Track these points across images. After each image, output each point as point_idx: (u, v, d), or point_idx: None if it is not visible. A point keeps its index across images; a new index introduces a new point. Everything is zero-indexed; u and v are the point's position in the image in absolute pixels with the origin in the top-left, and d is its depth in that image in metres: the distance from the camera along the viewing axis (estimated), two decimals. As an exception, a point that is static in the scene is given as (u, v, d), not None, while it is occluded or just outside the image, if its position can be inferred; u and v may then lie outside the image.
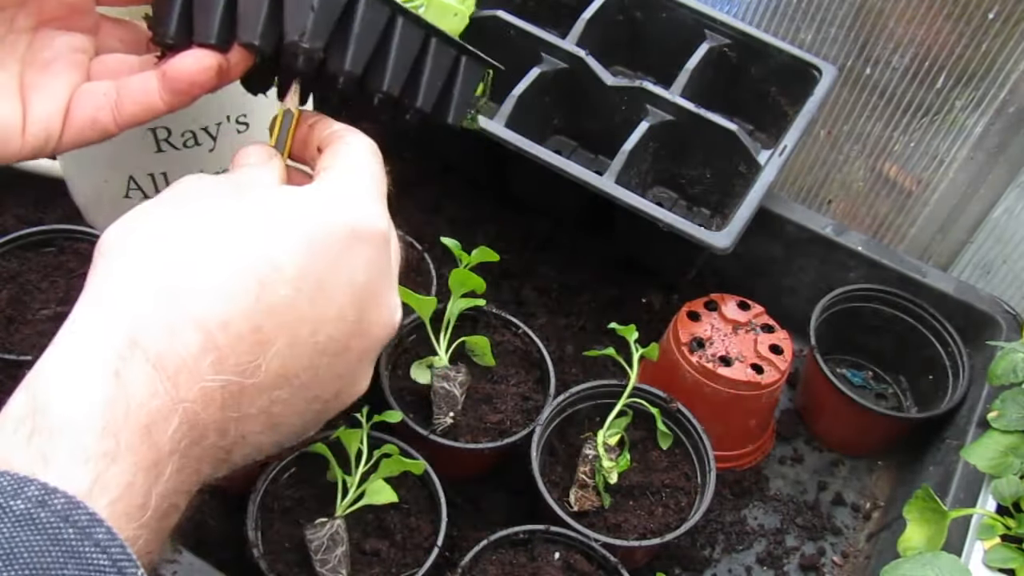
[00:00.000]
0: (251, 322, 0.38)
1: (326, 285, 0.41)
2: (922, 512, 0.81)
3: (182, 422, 0.37)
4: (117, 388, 0.35)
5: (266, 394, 0.40)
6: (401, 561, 0.76)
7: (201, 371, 0.37)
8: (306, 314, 0.40)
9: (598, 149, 1.06)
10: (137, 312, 0.38)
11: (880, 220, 1.26)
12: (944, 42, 1.07)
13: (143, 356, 0.36)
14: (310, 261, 0.40)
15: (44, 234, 0.89)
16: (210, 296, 0.38)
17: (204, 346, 0.37)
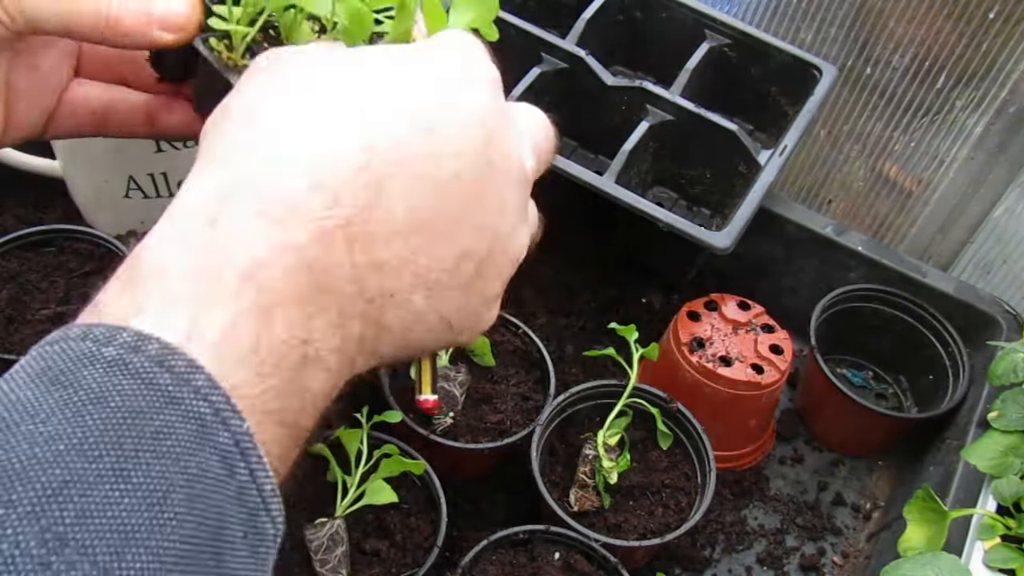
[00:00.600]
0: (363, 158, 0.36)
1: (443, 118, 0.38)
2: (922, 512, 0.81)
3: (297, 266, 0.34)
4: (213, 233, 0.34)
5: (399, 239, 0.37)
6: (401, 561, 0.76)
7: (312, 211, 0.35)
8: (425, 149, 0.37)
9: (598, 149, 1.06)
10: (235, 160, 0.36)
11: (880, 220, 1.26)
12: (944, 42, 1.07)
13: (242, 201, 0.34)
14: (422, 95, 0.38)
15: (44, 234, 0.89)
16: (316, 133, 0.36)
17: (311, 184, 0.35)
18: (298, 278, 0.34)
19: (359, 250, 0.36)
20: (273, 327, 0.33)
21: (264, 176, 0.35)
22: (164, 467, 0.29)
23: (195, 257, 0.33)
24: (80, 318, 0.34)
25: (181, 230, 0.34)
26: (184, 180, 0.37)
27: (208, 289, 0.33)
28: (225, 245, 0.33)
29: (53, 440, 0.28)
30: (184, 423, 0.30)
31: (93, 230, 0.90)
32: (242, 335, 0.33)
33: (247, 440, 0.31)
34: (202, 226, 0.34)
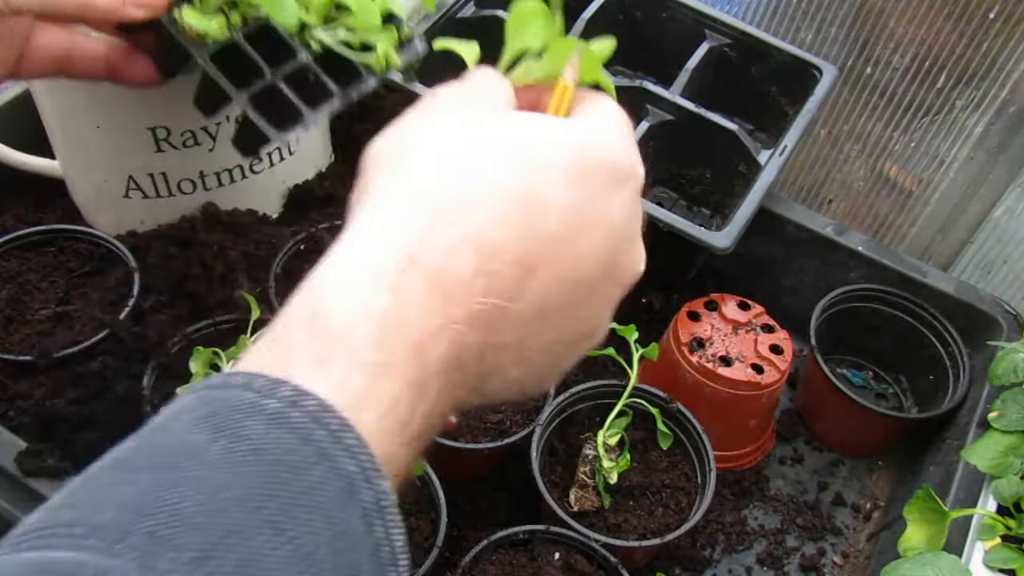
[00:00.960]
0: (521, 250, 0.38)
1: (588, 221, 0.40)
2: (922, 512, 0.81)
3: (451, 343, 0.36)
4: (395, 302, 0.35)
5: (523, 325, 0.39)
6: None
7: (473, 293, 0.37)
8: (568, 248, 0.39)
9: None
10: (415, 229, 0.37)
11: (880, 220, 1.26)
12: (944, 42, 1.07)
13: (421, 273, 0.36)
14: (575, 194, 0.39)
15: (44, 234, 0.89)
16: (486, 220, 0.37)
17: (478, 269, 0.37)
18: (449, 355, 0.36)
19: (491, 332, 0.38)
20: (425, 400, 0.36)
21: (440, 248, 0.36)
22: (314, 521, 0.31)
23: (379, 324, 0.35)
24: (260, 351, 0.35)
25: (366, 290, 0.35)
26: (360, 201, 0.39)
27: (387, 358, 0.34)
28: (403, 317, 0.35)
29: (219, 489, 0.30)
30: (335, 479, 0.32)
31: (93, 230, 0.90)
32: (403, 408, 0.35)
33: (386, 499, 0.33)
34: (385, 292, 0.35)
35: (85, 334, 0.82)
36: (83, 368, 0.81)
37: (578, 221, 0.39)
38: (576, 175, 0.40)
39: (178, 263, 0.88)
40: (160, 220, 0.92)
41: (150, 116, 0.84)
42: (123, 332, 0.82)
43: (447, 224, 0.37)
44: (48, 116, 0.89)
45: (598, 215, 0.40)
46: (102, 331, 0.82)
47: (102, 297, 0.86)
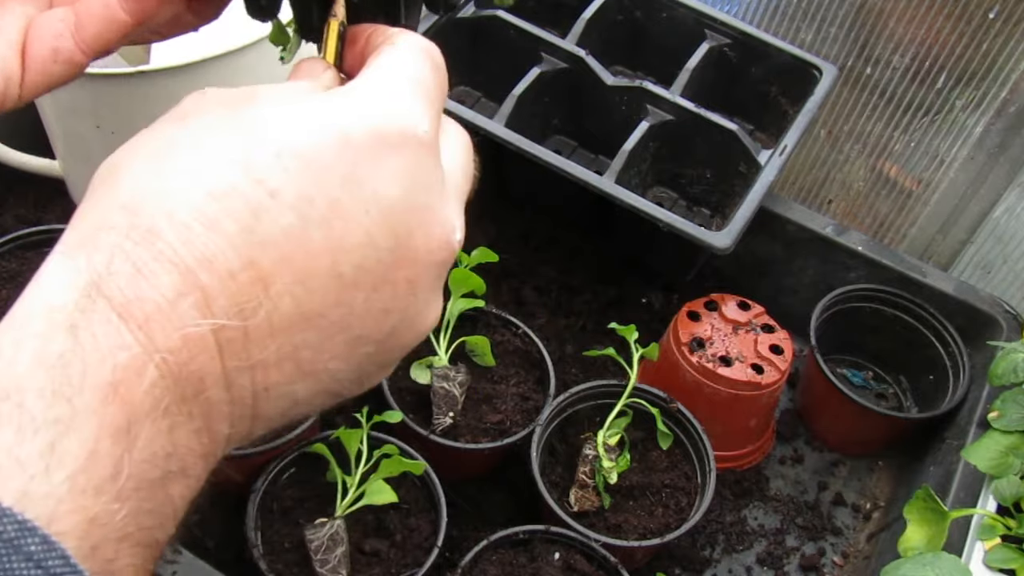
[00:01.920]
0: (243, 256, 0.32)
1: (342, 206, 0.33)
2: (922, 512, 0.81)
3: (162, 375, 0.31)
4: (73, 344, 0.30)
5: (282, 338, 0.33)
6: (401, 561, 0.76)
7: (181, 316, 0.31)
8: (318, 244, 0.33)
9: (598, 149, 1.06)
10: (100, 250, 0.31)
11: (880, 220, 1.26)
12: (944, 42, 1.07)
13: (106, 304, 0.30)
14: (316, 177, 0.33)
15: (44, 234, 0.89)
16: (188, 228, 0.31)
17: (181, 288, 0.31)
18: (163, 389, 0.31)
19: (232, 354, 0.32)
20: (135, 445, 0.30)
21: (128, 272, 0.31)
22: None
23: (52, 372, 0.29)
24: None
25: (40, 337, 0.30)
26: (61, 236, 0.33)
27: (66, 410, 0.29)
28: (84, 359, 0.30)
29: None
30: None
31: (93, 230, 0.90)
32: (102, 461, 0.29)
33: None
34: (62, 332, 0.30)
35: (85, 334, 0.82)
36: (83, 368, 0.81)
37: (325, 209, 0.33)
38: (317, 158, 0.33)
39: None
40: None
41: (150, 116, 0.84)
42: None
43: (136, 243, 0.31)
44: (48, 116, 0.89)
45: (357, 196, 0.34)
46: (102, 331, 0.82)
47: (102, 297, 0.86)
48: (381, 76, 0.37)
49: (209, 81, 0.84)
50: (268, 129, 0.34)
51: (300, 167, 0.33)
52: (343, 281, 0.34)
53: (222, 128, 0.34)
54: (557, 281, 1.06)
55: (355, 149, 0.34)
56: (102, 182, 0.34)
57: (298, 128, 0.34)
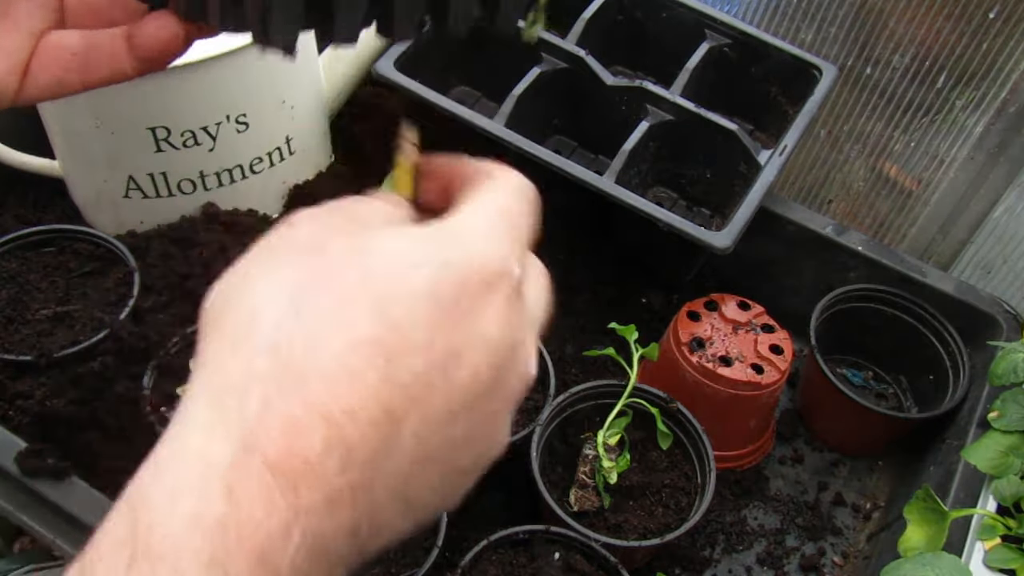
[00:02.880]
0: (381, 404, 0.32)
1: (456, 348, 0.34)
2: (922, 512, 0.81)
3: (305, 536, 0.31)
4: (229, 507, 0.30)
5: (401, 479, 0.34)
6: (401, 561, 0.76)
7: (327, 472, 0.31)
8: (439, 384, 0.34)
9: (598, 149, 1.06)
10: (248, 408, 0.31)
11: (880, 220, 1.26)
12: (944, 42, 1.07)
13: (260, 463, 0.30)
14: (438, 323, 0.34)
15: (44, 234, 0.89)
16: (333, 379, 0.32)
17: (329, 441, 0.31)
18: (305, 550, 0.31)
19: (361, 504, 0.32)
20: None
21: (279, 426, 0.31)
22: None
23: (210, 537, 0.29)
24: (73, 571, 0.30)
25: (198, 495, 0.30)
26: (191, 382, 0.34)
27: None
28: (239, 524, 0.30)
29: None
30: None
31: (93, 230, 0.90)
32: None
33: None
34: (219, 494, 0.30)
35: (85, 334, 0.82)
36: (83, 368, 0.81)
37: (445, 352, 0.34)
38: (436, 300, 0.34)
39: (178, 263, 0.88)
40: (160, 220, 0.92)
41: (150, 116, 0.85)
42: (123, 332, 0.82)
43: (286, 393, 0.31)
44: (48, 116, 0.89)
45: (468, 337, 0.34)
46: (102, 331, 0.82)
47: (102, 297, 0.86)
48: (472, 214, 0.38)
49: (209, 80, 0.84)
50: (398, 272, 0.34)
51: (426, 312, 0.33)
52: (454, 419, 0.35)
53: (352, 268, 0.34)
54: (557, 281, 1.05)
55: (468, 292, 0.35)
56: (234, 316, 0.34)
57: (424, 271, 0.34)
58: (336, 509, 0.32)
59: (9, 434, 0.75)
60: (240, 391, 0.32)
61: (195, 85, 0.84)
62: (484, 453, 0.39)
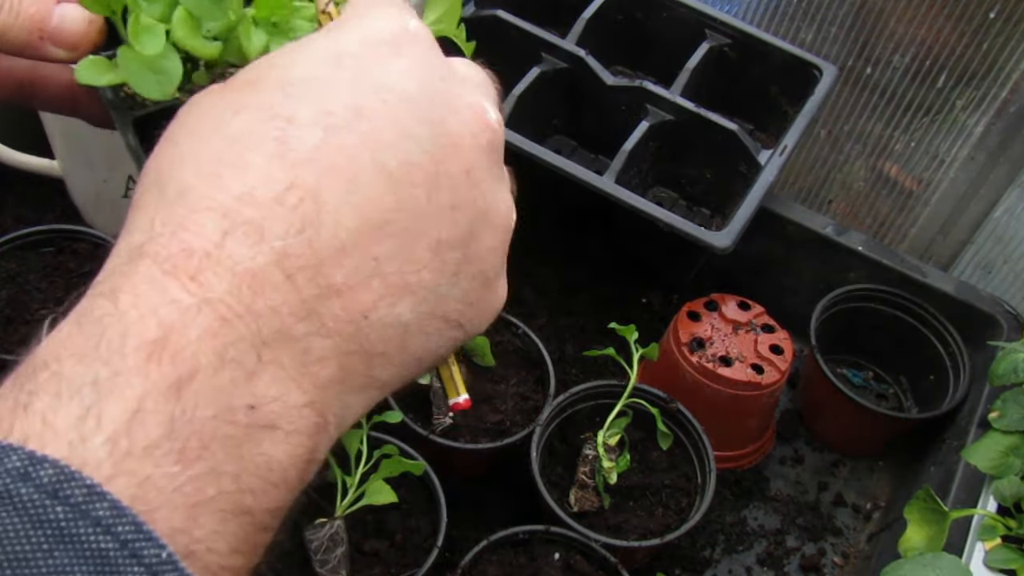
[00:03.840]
0: (281, 181, 0.31)
1: (362, 108, 0.32)
2: (923, 513, 0.81)
3: (223, 322, 0.29)
4: (112, 307, 0.28)
5: (357, 254, 0.32)
6: (401, 561, 0.76)
7: (232, 254, 0.29)
8: (353, 146, 0.32)
9: (598, 149, 1.06)
10: (140, 224, 0.31)
11: (880, 220, 1.26)
12: (945, 41, 1.07)
13: (149, 264, 0.29)
14: (324, 92, 0.33)
15: (43, 234, 0.89)
16: (216, 174, 0.31)
17: (224, 228, 0.30)
18: (225, 337, 0.29)
19: (306, 280, 0.30)
20: (193, 402, 0.28)
21: (170, 231, 0.30)
22: None
23: (90, 337, 0.28)
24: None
25: (81, 309, 0.29)
26: None
27: (106, 372, 0.27)
28: (125, 316, 0.28)
29: None
30: (82, 563, 0.25)
31: (92, 230, 0.90)
32: (149, 421, 0.27)
33: (168, 568, 0.26)
34: (102, 299, 0.29)
35: (85, 334, 0.82)
36: (83, 368, 0.81)
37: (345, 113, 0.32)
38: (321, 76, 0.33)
39: (178, 263, 0.88)
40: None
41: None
42: (123, 332, 0.82)
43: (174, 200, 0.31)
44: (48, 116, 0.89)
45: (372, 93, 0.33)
46: (102, 331, 0.82)
47: (102, 297, 0.86)
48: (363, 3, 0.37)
49: (209, 81, 0.84)
50: (269, 66, 0.34)
51: (305, 89, 0.33)
52: (394, 178, 0.33)
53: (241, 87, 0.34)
54: (557, 281, 1.06)
55: (353, 57, 0.34)
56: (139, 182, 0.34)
57: (294, 56, 0.34)
58: (264, 289, 0.30)
59: (9, 434, 0.75)
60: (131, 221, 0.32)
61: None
62: (479, 225, 0.36)
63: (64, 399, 0.27)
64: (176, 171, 0.32)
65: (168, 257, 0.29)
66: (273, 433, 0.30)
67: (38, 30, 0.41)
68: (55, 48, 0.42)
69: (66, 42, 0.42)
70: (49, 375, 0.28)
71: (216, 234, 0.30)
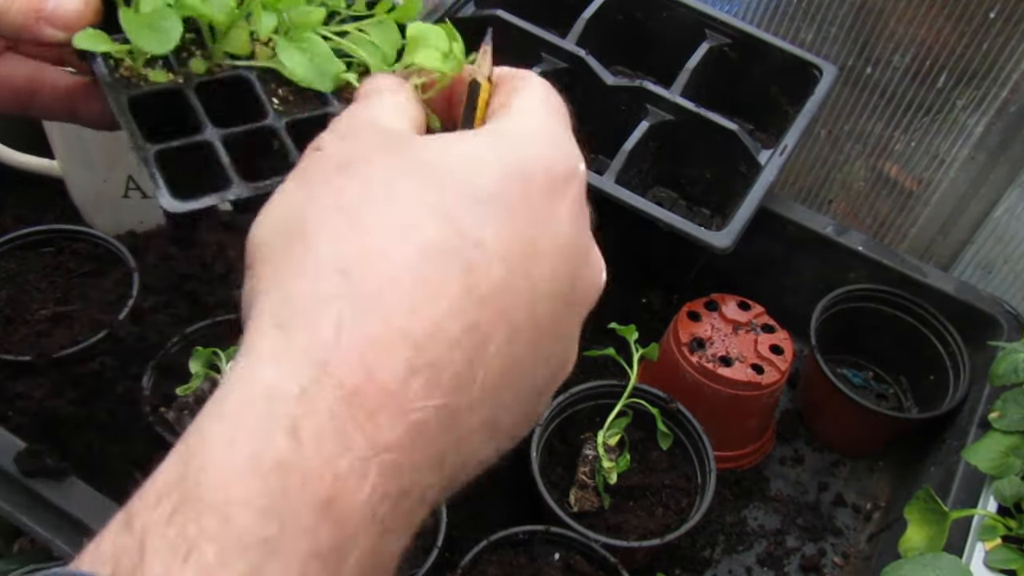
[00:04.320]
0: (465, 320, 0.29)
1: (535, 251, 0.31)
2: (923, 513, 0.81)
3: (384, 476, 0.27)
4: (292, 445, 0.26)
5: (487, 400, 0.30)
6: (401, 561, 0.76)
7: (411, 399, 0.28)
8: (522, 291, 0.31)
9: (598, 149, 1.06)
10: (323, 323, 0.28)
11: (881, 220, 1.26)
12: (945, 41, 1.07)
13: (333, 394, 0.27)
14: (514, 222, 0.31)
15: (43, 234, 0.89)
16: (413, 293, 0.28)
17: (413, 364, 0.28)
18: (381, 494, 0.27)
19: (446, 434, 0.29)
20: (344, 565, 0.27)
21: (357, 349, 0.28)
22: None
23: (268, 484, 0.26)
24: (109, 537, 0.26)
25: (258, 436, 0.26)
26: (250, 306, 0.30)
27: (275, 530, 0.25)
28: (303, 468, 0.26)
29: None
30: None
31: (92, 230, 0.90)
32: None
33: None
34: (283, 434, 0.26)
35: (84, 334, 0.82)
36: (83, 368, 0.81)
37: (523, 255, 0.31)
38: (509, 201, 0.31)
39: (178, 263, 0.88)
40: (160, 220, 0.92)
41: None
42: (123, 332, 0.82)
43: (361, 313, 0.28)
44: (47, 116, 0.89)
45: (545, 238, 0.32)
46: (101, 331, 0.82)
47: (101, 297, 0.86)
48: (535, 112, 0.35)
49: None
50: (455, 174, 0.31)
51: (496, 212, 0.31)
52: (540, 332, 0.32)
53: (405, 175, 0.31)
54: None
55: (537, 189, 0.32)
56: (288, 242, 0.31)
57: (484, 172, 0.32)
58: (420, 440, 0.28)
59: (9, 434, 0.75)
60: (309, 316, 0.28)
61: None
62: (560, 368, 0.35)
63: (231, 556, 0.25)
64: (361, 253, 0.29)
65: (354, 389, 0.27)
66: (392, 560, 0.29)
67: (35, 11, 0.41)
68: (52, 29, 0.41)
69: (63, 22, 0.41)
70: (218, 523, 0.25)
71: (403, 369, 0.28)
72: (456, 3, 1.04)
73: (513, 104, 0.36)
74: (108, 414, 0.81)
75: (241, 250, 0.35)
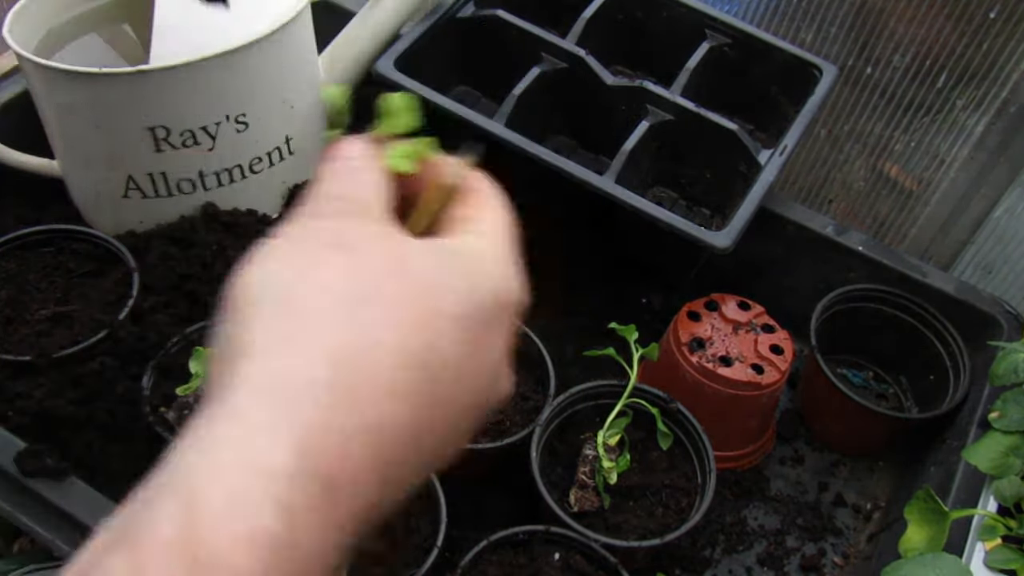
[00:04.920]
0: (419, 422, 0.33)
1: (476, 368, 0.36)
2: (923, 513, 0.81)
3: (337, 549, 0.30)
4: (288, 530, 0.28)
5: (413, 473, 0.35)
6: (401, 561, 0.76)
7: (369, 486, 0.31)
8: (459, 399, 0.36)
9: (598, 149, 1.06)
10: (310, 417, 0.30)
11: (881, 220, 1.26)
12: (945, 41, 1.07)
13: (315, 480, 0.29)
14: (466, 347, 0.35)
15: (43, 234, 0.89)
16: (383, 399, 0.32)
17: (376, 460, 0.31)
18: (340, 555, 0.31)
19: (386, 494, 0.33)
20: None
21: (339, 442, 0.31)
22: None
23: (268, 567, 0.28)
24: None
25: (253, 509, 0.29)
26: (233, 358, 0.32)
27: None
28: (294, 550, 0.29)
29: None
30: None
31: (92, 230, 0.90)
32: None
33: None
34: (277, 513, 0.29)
35: (84, 334, 0.82)
36: (82, 368, 0.81)
37: (469, 371, 0.36)
38: (467, 322, 0.35)
39: (178, 263, 0.88)
40: (160, 220, 0.92)
41: (149, 116, 0.84)
42: (123, 332, 0.82)
43: (344, 407, 0.31)
44: (48, 116, 0.89)
45: (484, 357, 0.37)
46: (101, 331, 0.82)
47: (101, 297, 0.86)
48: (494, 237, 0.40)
49: (209, 80, 0.84)
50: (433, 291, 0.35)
51: (458, 335, 0.35)
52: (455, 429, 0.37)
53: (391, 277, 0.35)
54: (557, 281, 1.05)
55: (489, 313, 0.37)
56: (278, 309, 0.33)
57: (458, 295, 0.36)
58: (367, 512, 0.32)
59: (8, 434, 0.75)
60: (300, 397, 0.31)
61: (194, 85, 0.84)
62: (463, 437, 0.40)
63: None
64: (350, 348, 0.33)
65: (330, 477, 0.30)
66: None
67: None
68: None
69: None
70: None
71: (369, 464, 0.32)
72: (456, 3, 1.04)
73: (481, 223, 0.40)
74: (108, 414, 0.80)
75: (241, 250, 0.35)
